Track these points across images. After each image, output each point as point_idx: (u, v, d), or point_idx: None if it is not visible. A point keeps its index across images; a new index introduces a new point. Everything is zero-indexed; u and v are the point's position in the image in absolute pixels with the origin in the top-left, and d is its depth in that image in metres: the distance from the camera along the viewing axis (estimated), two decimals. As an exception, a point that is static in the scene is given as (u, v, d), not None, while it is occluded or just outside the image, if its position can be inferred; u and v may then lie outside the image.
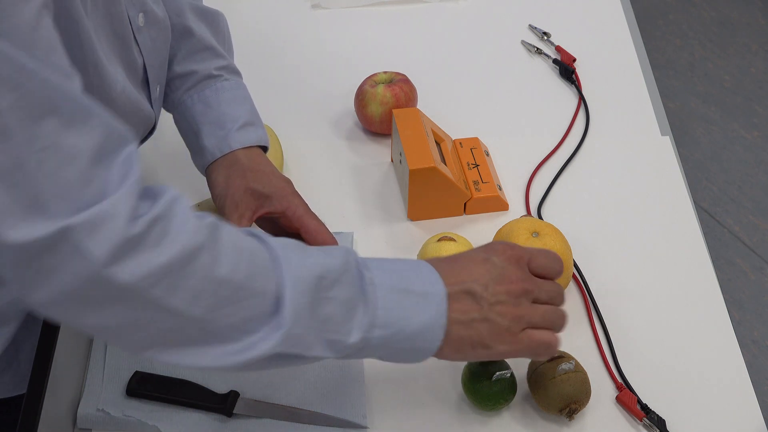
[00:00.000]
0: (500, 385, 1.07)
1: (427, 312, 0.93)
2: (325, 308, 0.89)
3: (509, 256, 0.98)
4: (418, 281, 0.94)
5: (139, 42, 1.06)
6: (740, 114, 2.85)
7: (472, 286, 0.95)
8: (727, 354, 1.16)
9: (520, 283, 0.97)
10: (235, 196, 1.13)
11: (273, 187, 1.14)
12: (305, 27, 1.58)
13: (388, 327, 0.92)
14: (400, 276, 0.94)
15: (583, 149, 1.39)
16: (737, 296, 2.42)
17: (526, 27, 1.58)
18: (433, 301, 0.93)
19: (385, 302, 0.92)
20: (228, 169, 1.15)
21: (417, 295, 0.93)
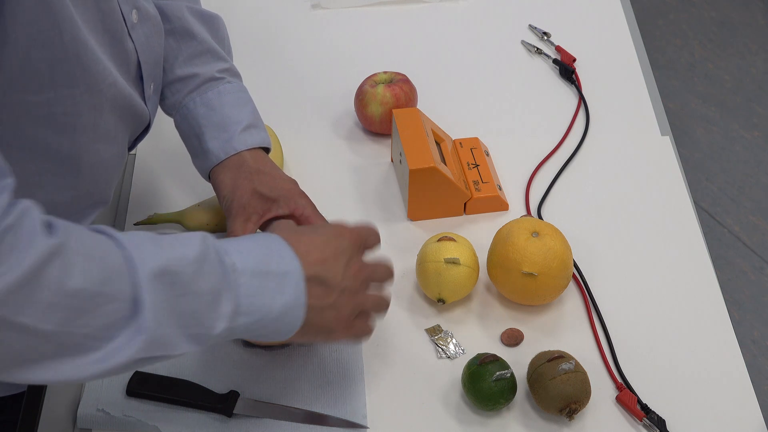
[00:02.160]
0: (500, 385, 1.07)
1: (288, 293, 0.93)
2: (187, 304, 0.87)
3: (354, 241, 1.00)
4: (276, 259, 0.93)
5: (134, 38, 1.06)
6: (740, 114, 2.85)
7: (326, 274, 0.96)
8: (727, 354, 1.16)
9: (363, 270, 1.00)
10: (242, 199, 1.13)
11: (279, 189, 1.14)
12: (305, 27, 1.58)
13: (253, 313, 0.91)
14: (259, 256, 0.92)
15: (583, 149, 1.39)
16: (737, 296, 2.42)
17: (526, 27, 1.58)
18: (292, 280, 0.93)
19: (248, 288, 0.90)
20: (235, 172, 1.14)
21: (277, 276, 0.92)
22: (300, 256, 0.94)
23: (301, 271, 0.94)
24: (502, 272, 1.17)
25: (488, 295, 1.22)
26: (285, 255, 0.94)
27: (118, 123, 1.06)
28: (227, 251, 0.91)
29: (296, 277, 0.93)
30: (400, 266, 1.24)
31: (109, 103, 1.01)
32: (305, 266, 0.94)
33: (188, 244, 0.88)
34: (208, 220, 1.25)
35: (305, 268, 0.94)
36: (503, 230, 1.19)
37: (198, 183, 1.33)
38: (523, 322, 1.19)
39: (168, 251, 0.87)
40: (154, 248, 0.86)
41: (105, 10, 0.99)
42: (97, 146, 1.03)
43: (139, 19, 1.06)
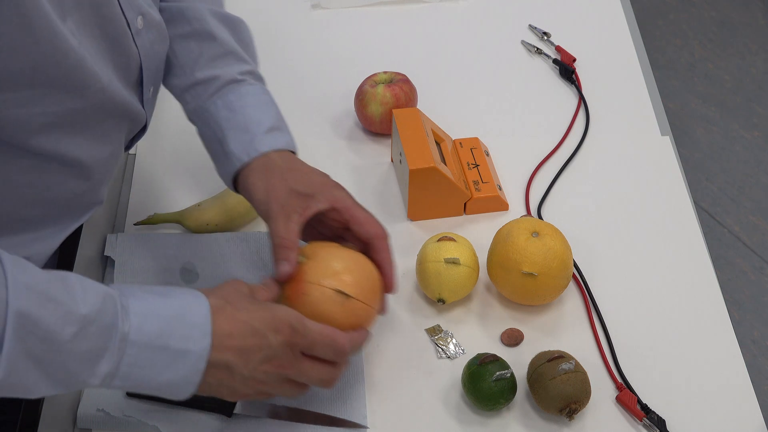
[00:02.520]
0: (500, 385, 1.07)
1: (180, 371, 0.91)
2: (58, 358, 0.86)
3: (287, 341, 0.96)
4: (182, 334, 0.91)
5: (138, 44, 1.06)
6: (740, 114, 2.85)
7: (235, 363, 0.94)
8: (727, 354, 1.16)
9: (282, 369, 0.97)
10: (279, 200, 1.07)
11: (315, 184, 1.10)
12: (305, 27, 1.58)
13: (131, 380, 0.90)
14: (163, 327, 0.91)
15: (583, 149, 1.39)
16: (737, 296, 2.42)
17: (526, 27, 1.58)
18: (190, 361, 0.92)
19: (133, 359, 0.89)
20: (266, 173, 1.09)
21: (173, 353, 0.91)
22: (215, 338, 0.93)
23: (207, 354, 0.92)
24: (502, 272, 1.17)
25: (488, 295, 1.22)
26: (196, 332, 0.92)
27: (109, 124, 1.06)
28: (129, 312, 0.90)
29: (196, 358, 0.92)
30: (400, 266, 1.24)
31: (98, 106, 1.01)
32: (215, 350, 0.93)
33: (81, 302, 0.87)
34: (208, 220, 1.25)
35: (214, 352, 0.93)
36: (503, 230, 1.19)
37: (198, 183, 1.33)
38: (523, 322, 1.19)
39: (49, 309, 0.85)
40: (38, 302, 0.85)
41: (105, 15, 0.99)
42: (86, 146, 1.03)
43: (144, 25, 1.06)
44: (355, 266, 1.05)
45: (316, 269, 1.03)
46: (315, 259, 1.04)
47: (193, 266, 1.20)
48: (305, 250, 1.06)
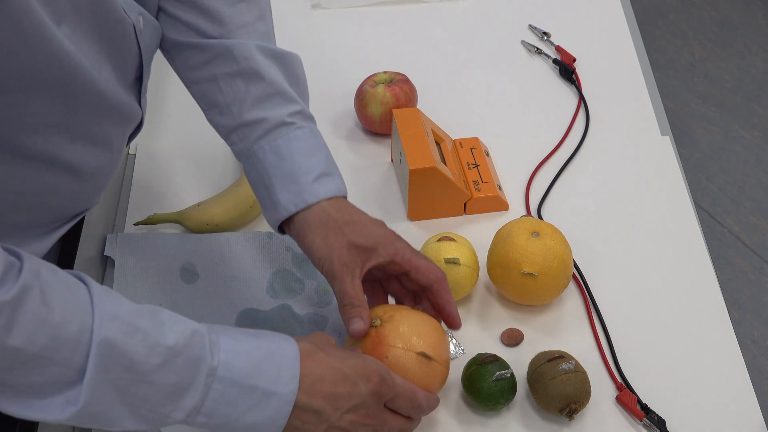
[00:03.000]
0: (500, 385, 1.07)
1: (266, 412, 0.91)
2: (141, 389, 0.87)
3: (375, 391, 0.96)
4: (270, 375, 0.91)
5: (141, 44, 1.06)
6: (740, 114, 2.85)
7: (324, 409, 0.93)
8: (727, 354, 1.16)
9: (367, 419, 0.97)
10: (342, 257, 1.05)
11: (375, 236, 1.07)
12: (305, 27, 1.58)
13: (214, 417, 0.90)
14: (252, 366, 0.91)
15: (583, 149, 1.39)
16: (737, 296, 2.42)
17: (526, 27, 1.58)
18: (277, 403, 0.91)
19: (219, 395, 0.89)
20: (323, 229, 1.06)
21: (261, 394, 0.91)
22: (305, 381, 0.93)
23: (294, 397, 0.92)
24: (502, 272, 1.17)
25: (488, 295, 1.22)
26: (283, 374, 0.92)
27: (107, 127, 1.06)
28: (219, 348, 0.90)
29: (283, 401, 0.91)
30: (400, 266, 1.24)
31: (95, 109, 1.01)
32: (304, 394, 0.92)
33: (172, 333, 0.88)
34: (208, 220, 1.25)
35: (303, 396, 0.92)
36: (503, 230, 1.19)
37: (198, 183, 1.33)
38: (523, 322, 1.19)
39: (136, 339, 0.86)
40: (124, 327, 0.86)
41: (107, 18, 0.99)
42: (82, 150, 1.03)
43: (144, 23, 1.06)
44: (431, 329, 1.06)
45: (395, 332, 1.04)
46: (391, 322, 1.05)
47: (193, 266, 1.21)
48: (378, 313, 1.07)
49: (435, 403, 1.04)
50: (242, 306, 1.18)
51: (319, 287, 1.20)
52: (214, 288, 1.19)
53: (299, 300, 1.19)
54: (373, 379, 0.96)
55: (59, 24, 0.92)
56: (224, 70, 1.10)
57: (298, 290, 1.19)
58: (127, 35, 1.03)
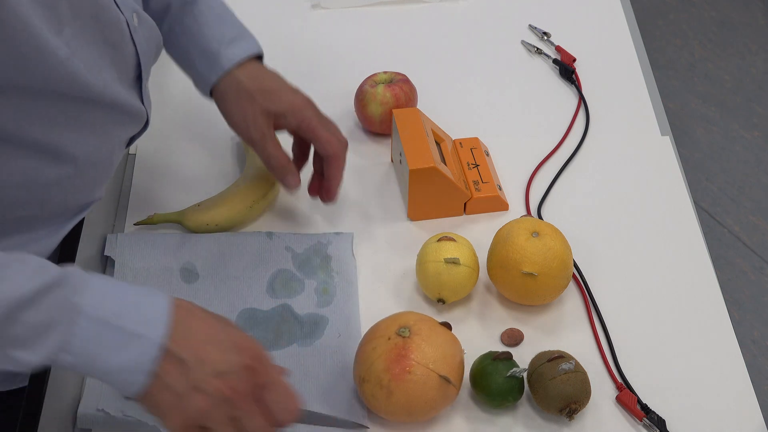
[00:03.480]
0: (512, 383, 1.07)
1: (132, 355, 0.88)
2: (9, 329, 0.85)
3: (247, 365, 0.91)
4: (139, 318, 0.89)
5: (136, 41, 1.06)
6: (740, 114, 2.85)
7: (191, 362, 0.89)
8: (727, 354, 1.16)
9: (233, 394, 0.90)
10: (257, 123, 1.15)
11: (285, 103, 1.17)
12: (305, 27, 1.58)
13: (81, 356, 0.87)
14: (122, 308, 0.89)
15: (583, 149, 1.39)
16: (737, 296, 2.42)
17: (526, 27, 1.58)
18: (144, 346, 0.88)
19: (84, 332, 0.87)
20: (237, 97, 1.15)
21: (128, 335, 0.88)
22: (175, 330, 0.89)
23: (161, 342, 0.88)
24: (502, 272, 1.17)
25: (488, 295, 1.22)
26: (154, 319, 0.89)
27: (110, 124, 1.06)
28: (88, 288, 0.88)
29: (150, 344, 0.88)
30: (400, 266, 1.24)
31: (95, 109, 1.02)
32: (173, 341, 0.89)
33: (33, 277, 0.86)
34: (208, 221, 1.25)
35: (170, 342, 0.89)
36: (503, 230, 1.19)
37: (198, 183, 1.33)
38: (523, 322, 1.19)
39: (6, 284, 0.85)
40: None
41: (105, 19, 0.99)
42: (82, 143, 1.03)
43: (139, 22, 1.06)
44: (456, 352, 1.07)
45: (423, 349, 1.05)
46: (419, 335, 1.06)
47: (194, 266, 1.21)
48: (407, 322, 1.07)
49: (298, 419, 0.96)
50: (242, 306, 1.18)
51: (319, 287, 1.20)
52: (214, 288, 1.19)
53: (299, 300, 1.19)
54: (248, 353, 0.92)
55: (61, 30, 0.93)
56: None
57: (298, 290, 1.20)
58: (123, 34, 1.03)
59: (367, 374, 1.05)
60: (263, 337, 1.16)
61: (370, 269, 1.24)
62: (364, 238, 1.27)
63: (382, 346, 1.05)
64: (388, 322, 1.08)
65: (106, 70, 1.01)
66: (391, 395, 1.04)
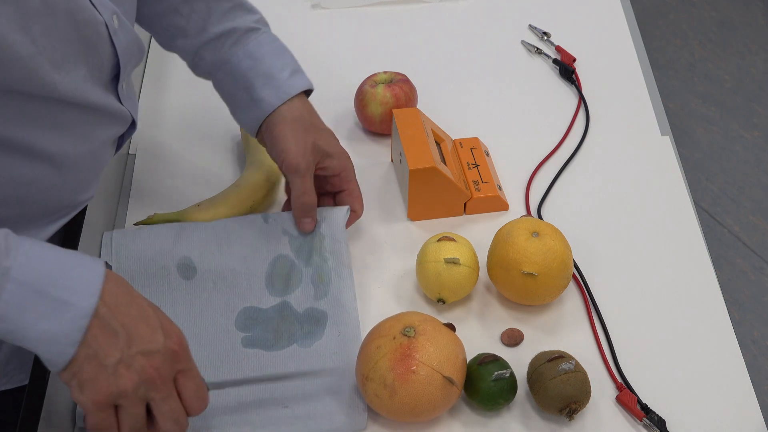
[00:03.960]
0: (499, 385, 1.07)
1: (60, 323, 0.87)
2: None
3: (172, 349, 0.92)
4: (69, 286, 0.88)
5: (116, 43, 1.06)
6: (740, 114, 2.85)
7: (122, 334, 0.89)
8: (727, 354, 1.16)
9: (156, 375, 0.91)
10: (307, 154, 1.16)
11: (334, 147, 1.20)
12: (305, 27, 1.58)
13: (5, 321, 0.86)
14: (47, 273, 0.87)
15: (583, 149, 1.39)
16: (737, 296, 2.42)
17: (526, 27, 1.58)
18: (73, 315, 0.87)
19: (11, 296, 0.85)
20: (294, 124, 1.17)
21: (56, 302, 0.87)
22: (107, 300, 0.89)
23: (92, 311, 0.88)
24: (502, 272, 1.17)
25: (488, 295, 1.22)
26: (85, 288, 0.88)
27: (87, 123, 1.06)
28: (18, 252, 0.87)
29: (79, 313, 0.87)
30: (400, 266, 1.24)
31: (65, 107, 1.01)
32: (107, 309, 0.88)
33: None
34: (208, 221, 1.25)
35: (105, 310, 0.88)
36: (503, 230, 1.19)
37: (198, 183, 1.33)
38: (523, 322, 1.19)
39: None
40: None
41: (80, 18, 0.99)
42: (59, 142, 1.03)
43: (119, 24, 1.06)
44: (459, 353, 1.08)
45: (428, 350, 1.05)
46: (424, 335, 1.06)
47: (190, 260, 1.20)
48: (412, 322, 1.08)
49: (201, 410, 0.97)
50: (242, 305, 1.18)
51: (315, 275, 1.19)
52: (212, 284, 1.19)
53: (297, 295, 1.19)
54: (174, 338, 0.93)
55: (28, 27, 0.92)
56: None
57: (296, 283, 1.19)
58: (100, 35, 1.03)
59: (371, 373, 1.05)
60: (263, 337, 1.15)
61: (370, 269, 1.24)
62: (364, 237, 1.27)
63: (387, 345, 1.05)
64: (392, 322, 1.08)
65: (77, 69, 1.01)
66: (394, 394, 1.04)
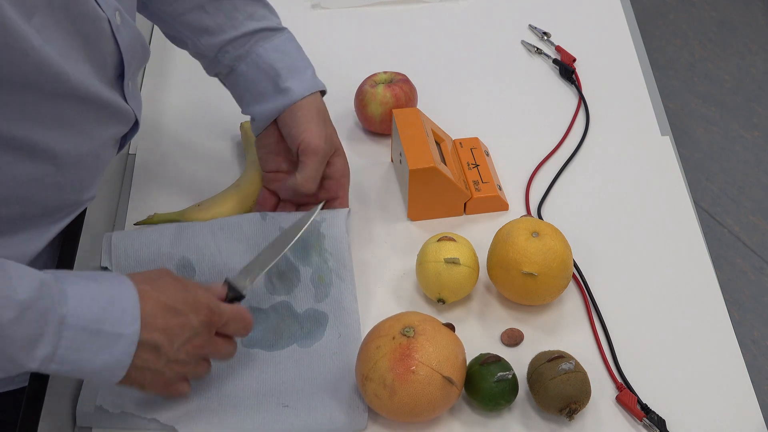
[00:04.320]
0: (501, 386, 1.07)
1: (114, 354, 0.95)
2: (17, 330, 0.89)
3: (205, 320, 1.03)
4: (115, 319, 0.95)
5: (119, 40, 1.06)
6: (740, 114, 2.85)
7: (162, 342, 0.99)
8: (727, 354, 1.16)
9: (202, 348, 1.04)
10: (323, 144, 1.20)
11: (342, 150, 1.25)
12: (305, 27, 1.57)
13: (67, 364, 0.93)
14: (96, 312, 0.94)
15: (583, 149, 1.39)
16: (737, 296, 2.42)
17: (526, 27, 1.58)
18: (124, 344, 0.96)
19: (70, 342, 0.92)
20: (317, 114, 1.21)
21: (108, 336, 0.94)
22: (143, 318, 0.97)
23: (138, 336, 0.96)
24: (502, 272, 1.17)
25: (488, 295, 1.22)
26: (126, 315, 0.96)
27: (90, 121, 1.06)
28: (65, 298, 0.92)
29: (129, 341, 0.96)
30: (400, 266, 1.24)
31: (71, 102, 1.01)
32: (144, 330, 0.97)
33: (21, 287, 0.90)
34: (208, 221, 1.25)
35: (144, 333, 0.97)
36: (503, 230, 1.19)
37: (198, 183, 1.33)
38: (523, 322, 1.19)
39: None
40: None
41: (80, 13, 0.98)
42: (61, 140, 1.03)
43: (122, 21, 1.06)
44: (459, 353, 1.08)
45: (427, 350, 1.05)
46: (424, 335, 1.06)
47: (188, 261, 1.20)
48: (412, 322, 1.08)
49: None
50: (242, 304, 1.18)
51: (314, 275, 1.19)
52: (212, 284, 1.19)
53: (297, 294, 1.19)
54: (203, 311, 1.03)
55: (30, 17, 0.92)
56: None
57: (295, 282, 1.19)
58: (103, 31, 1.03)
59: (370, 373, 1.05)
60: (263, 337, 1.15)
61: (370, 269, 1.24)
62: (364, 238, 1.27)
63: (387, 345, 1.05)
64: (391, 322, 1.08)
65: (83, 64, 1.01)
66: (394, 394, 1.04)
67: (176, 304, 1.01)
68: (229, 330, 1.07)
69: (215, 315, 1.04)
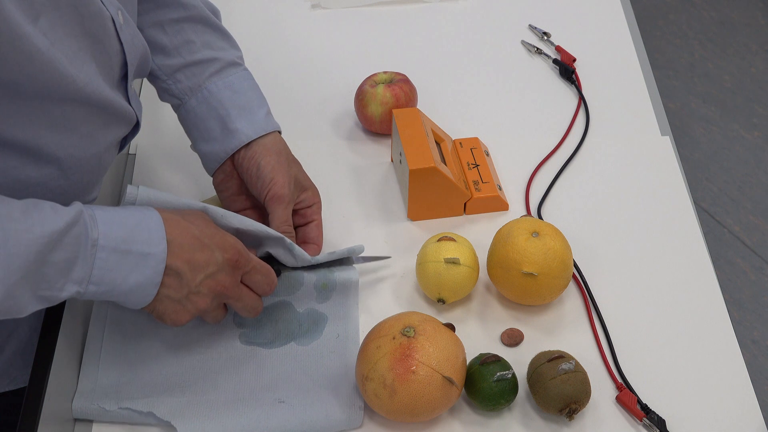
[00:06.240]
0: (501, 386, 1.07)
1: (144, 273, 0.99)
2: (40, 270, 0.93)
3: (231, 259, 1.05)
4: (143, 239, 0.99)
5: (123, 39, 1.06)
6: (740, 114, 2.85)
7: (185, 272, 1.02)
8: (727, 354, 1.16)
9: (224, 289, 1.05)
10: (290, 185, 1.18)
11: (309, 182, 1.22)
12: (305, 27, 1.58)
13: (103, 284, 0.98)
14: (126, 233, 0.99)
15: (583, 149, 1.39)
16: (737, 296, 2.42)
17: (526, 27, 1.58)
18: (153, 262, 1.00)
19: (103, 263, 0.97)
20: (278, 156, 1.19)
21: (137, 256, 0.99)
22: (170, 242, 1.01)
23: (165, 255, 1.00)
24: (502, 272, 1.17)
25: (488, 295, 1.22)
26: (154, 237, 1.00)
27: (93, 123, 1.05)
28: (97, 222, 0.97)
29: (157, 260, 1.00)
30: (400, 266, 1.24)
31: (77, 105, 1.01)
32: (170, 255, 1.01)
33: (60, 214, 0.95)
34: (208, 220, 1.25)
35: (169, 258, 1.00)
36: (503, 230, 1.19)
37: (198, 182, 1.33)
38: (523, 322, 1.19)
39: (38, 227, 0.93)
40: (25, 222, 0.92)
41: (87, 12, 0.98)
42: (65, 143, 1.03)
43: (124, 20, 1.06)
44: (459, 353, 1.08)
45: (427, 350, 1.05)
46: (424, 335, 1.06)
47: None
48: (412, 322, 1.08)
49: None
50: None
51: (318, 282, 1.19)
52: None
53: (298, 295, 1.19)
54: (230, 250, 1.05)
55: (36, 19, 0.92)
56: (170, 16, 1.20)
57: (297, 285, 1.19)
58: (108, 30, 1.03)
59: (370, 373, 1.05)
60: (261, 334, 1.15)
61: (370, 269, 1.24)
62: (364, 238, 1.27)
63: (387, 345, 1.05)
64: (392, 322, 1.08)
65: (89, 65, 1.01)
66: (394, 394, 1.04)
67: (203, 238, 1.03)
68: (253, 279, 1.08)
69: (242, 257, 1.06)
